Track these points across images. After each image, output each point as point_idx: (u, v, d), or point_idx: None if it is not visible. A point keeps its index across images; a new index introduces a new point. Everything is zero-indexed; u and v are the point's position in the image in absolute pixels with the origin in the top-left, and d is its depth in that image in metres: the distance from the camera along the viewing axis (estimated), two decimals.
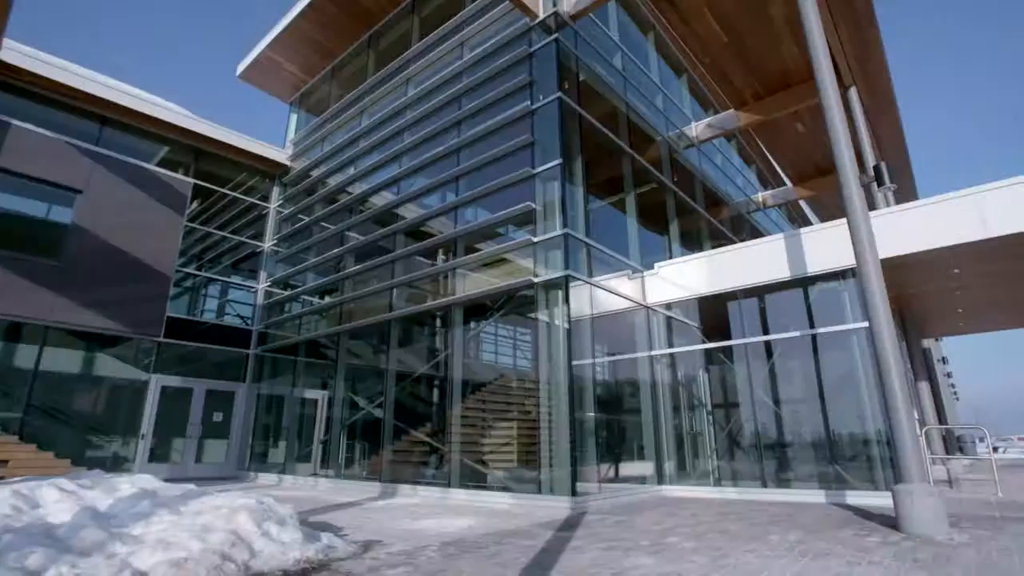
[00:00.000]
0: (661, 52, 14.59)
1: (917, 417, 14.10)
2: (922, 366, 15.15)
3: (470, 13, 11.80)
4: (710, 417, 10.55)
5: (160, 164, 14.20)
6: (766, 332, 9.86)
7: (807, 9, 7.60)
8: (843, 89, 12.74)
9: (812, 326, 9.17)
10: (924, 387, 15.14)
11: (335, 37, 15.52)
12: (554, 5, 10.13)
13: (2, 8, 8.71)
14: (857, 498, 7.86)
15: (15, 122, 11.07)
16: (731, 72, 13.13)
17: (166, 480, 6.06)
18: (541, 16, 10.19)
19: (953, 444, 17.28)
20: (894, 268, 8.78)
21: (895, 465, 6.07)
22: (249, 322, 15.53)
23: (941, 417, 17.26)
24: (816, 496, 8.22)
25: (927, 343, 18.49)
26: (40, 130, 11.35)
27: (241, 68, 17.07)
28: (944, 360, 30.18)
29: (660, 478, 9.84)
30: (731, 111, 14.47)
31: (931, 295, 11.49)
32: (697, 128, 15.15)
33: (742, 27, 11.75)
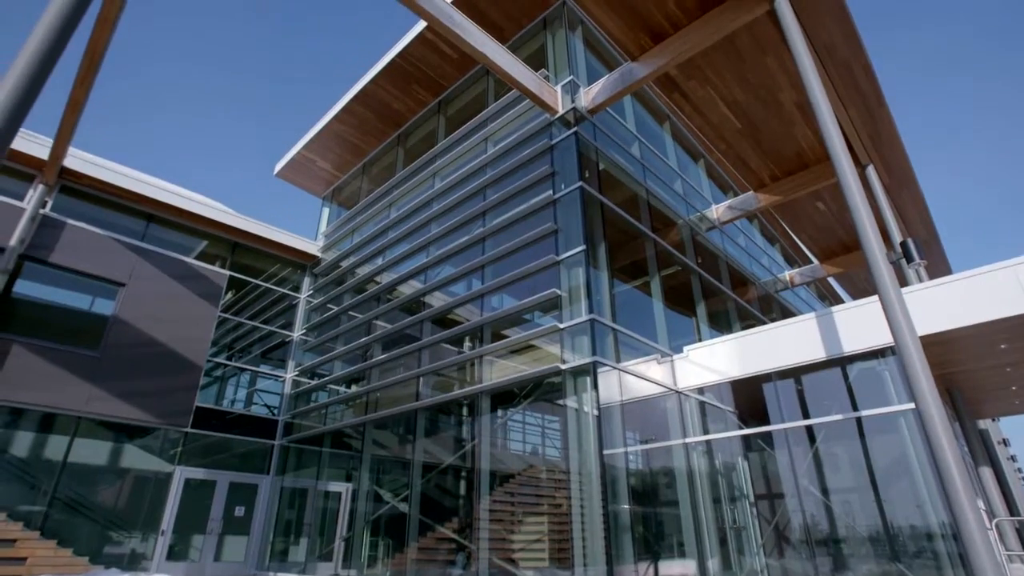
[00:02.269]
0: (677, 139, 15.14)
1: (984, 508, 12.95)
2: (981, 449, 14.11)
3: (493, 111, 12.53)
4: (754, 509, 9.86)
5: (199, 257, 14.88)
6: (806, 415, 9.38)
7: (816, 95, 7.85)
8: (860, 168, 12.90)
9: (855, 408, 8.71)
10: (987, 473, 13.99)
11: (366, 137, 16.58)
12: (572, 101, 10.71)
13: (68, 125, 9.63)
14: None
15: (70, 221, 11.88)
16: (747, 156, 13.46)
17: None
18: (561, 112, 10.75)
19: None
20: (935, 345, 8.43)
21: (965, 563, 5.50)
22: (276, 412, 15.49)
23: (1012, 507, 15.85)
24: None
25: (983, 424, 17.34)
26: (91, 228, 12.13)
27: (278, 167, 18.23)
28: (1006, 442, 28.13)
29: None
30: (750, 192, 14.69)
31: (980, 372, 10.91)
32: (718, 210, 15.36)
33: (754, 114, 12.17)
